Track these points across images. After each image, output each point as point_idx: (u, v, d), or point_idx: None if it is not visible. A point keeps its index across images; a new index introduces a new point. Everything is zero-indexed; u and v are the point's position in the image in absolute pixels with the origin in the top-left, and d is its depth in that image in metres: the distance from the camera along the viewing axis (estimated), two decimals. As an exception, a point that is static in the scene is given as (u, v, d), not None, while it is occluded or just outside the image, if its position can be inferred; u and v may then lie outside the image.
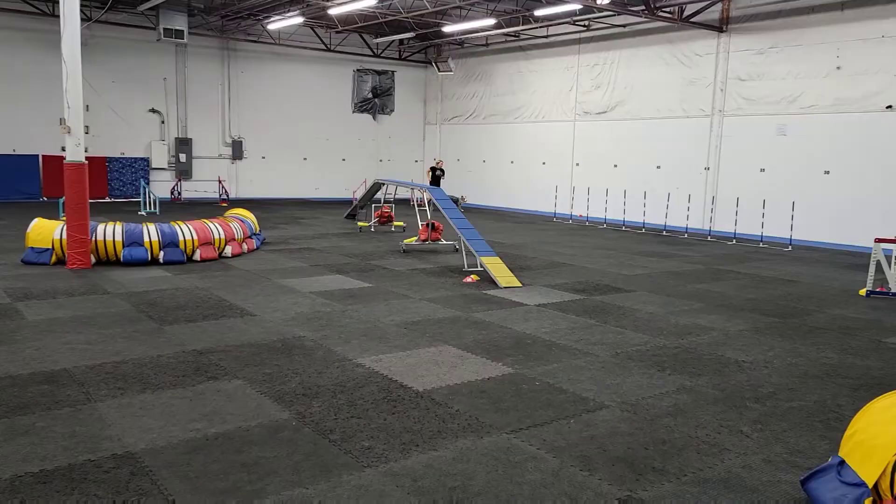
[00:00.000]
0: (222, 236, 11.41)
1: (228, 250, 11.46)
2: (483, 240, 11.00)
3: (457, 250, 12.51)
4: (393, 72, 25.88)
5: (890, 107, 14.18)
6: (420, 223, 13.02)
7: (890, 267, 9.43)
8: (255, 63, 23.32)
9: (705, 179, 17.52)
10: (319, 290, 9.02)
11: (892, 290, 9.39)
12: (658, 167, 18.50)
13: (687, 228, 16.93)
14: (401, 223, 16.12)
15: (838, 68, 14.89)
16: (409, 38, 23.68)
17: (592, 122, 20.38)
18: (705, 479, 3.94)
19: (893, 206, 13.98)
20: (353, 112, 25.43)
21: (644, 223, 17.83)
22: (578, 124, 20.83)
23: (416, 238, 13.01)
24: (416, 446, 4.26)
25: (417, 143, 27.04)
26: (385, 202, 16.39)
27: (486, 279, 9.92)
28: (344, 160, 25.32)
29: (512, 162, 23.09)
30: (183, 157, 22.37)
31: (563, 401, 5.16)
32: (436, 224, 12.96)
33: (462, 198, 22.76)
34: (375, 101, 25.66)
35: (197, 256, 10.96)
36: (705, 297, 9.19)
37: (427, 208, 12.96)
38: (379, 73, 25.57)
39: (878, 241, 9.53)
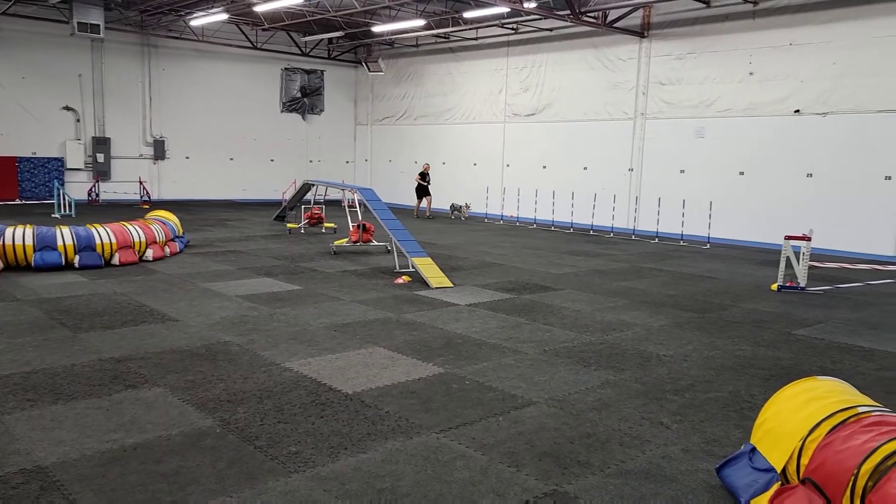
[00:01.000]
0: (143, 239, 10.99)
1: (149, 254, 11.05)
2: (414, 240, 11.00)
3: (388, 251, 12.47)
4: (322, 71, 25.57)
5: (798, 111, 15.00)
6: (351, 224, 12.91)
7: (799, 263, 9.97)
8: (178, 60, 22.57)
9: (629, 180, 18.08)
10: (246, 293, 8.81)
11: (801, 285, 9.93)
12: (585, 168, 18.97)
13: (612, 228, 17.42)
14: (331, 224, 15.94)
15: (751, 74, 15.64)
16: (338, 38, 23.47)
17: (522, 123, 20.71)
18: (627, 471, 4.05)
19: (802, 205, 14.80)
20: (282, 111, 24.98)
21: (572, 223, 18.24)
22: (508, 126, 21.12)
23: (346, 239, 12.89)
24: (344, 449, 4.22)
25: (348, 143, 26.80)
26: (315, 203, 16.17)
27: (418, 280, 9.92)
28: (273, 160, 24.83)
29: (444, 163, 23.18)
30: (101, 158, 21.42)
31: (493, 399, 5.22)
32: (367, 225, 12.88)
33: (466, 205, 20.44)
34: (304, 100, 25.28)
35: (115, 260, 10.52)
36: (629, 295, 9.47)
37: (358, 209, 12.86)
38: (308, 72, 25.21)
39: (788, 238, 10.06)
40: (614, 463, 4.16)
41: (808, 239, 10.03)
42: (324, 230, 15.85)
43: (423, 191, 20.13)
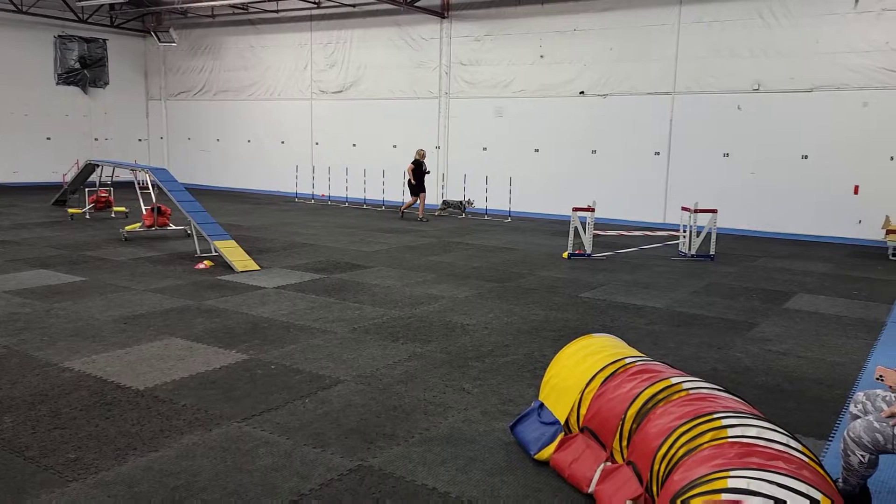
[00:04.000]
0: None
1: None
2: (216, 223, 10.43)
3: (188, 235, 11.70)
4: (105, 40, 23.13)
5: (583, 92, 16.33)
6: (144, 208, 11.92)
7: (585, 232, 10.93)
8: (-82, 20, 19.19)
9: (437, 157, 18.58)
10: (16, 288, 7.81)
11: (588, 252, 10.90)
12: (394, 146, 19.16)
13: (422, 204, 17.82)
14: (122, 208, 14.60)
15: (542, 57, 16.73)
16: (121, 3, 21.32)
17: (330, 100, 20.39)
18: (430, 438, 4.20)
19: (587, 179, 16.21)
20: (58, 84, 22.26)
21: (384, 201, 18.40)
22: (316, 103, 20.68)
23: (139, 224, 11.88)
24: (133, 450, 3.91)
25: (140, 119, 24.63)
26: (102, 186, 14.70)
27: (222, 264, 9.44)
28: (49, 139, 22.12)
29: (249, 141, 22.19)
30: None
31: (299, 381, 5.13)
32: (162, 208, 11.97)
33: (468, 202, 16.95)
34: (85, 72, 22.74)
35: None
36: (437, 269, 9.78)
37: (151, 191, 11.90)
38: (87, 40, 22.67)
39: (575, 209, 10.97)
40: (418, 432, 4.29)
41: (592, 210, 11.01)
42: (113, 215, 14.48)
43: (420, 184, 15.97)
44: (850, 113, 13.51)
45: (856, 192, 13.63)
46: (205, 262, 9.53)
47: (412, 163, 15.72)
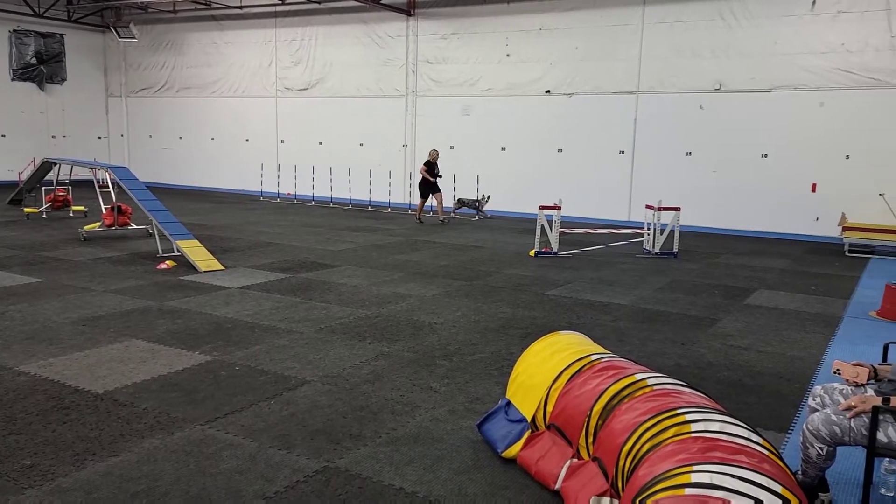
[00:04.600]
0: None
1: None
2: (178, 222, 10.24)
3: (150, 235, 11.46)
4: (62, 35, 22.52)
5: (549, 91, 16.44)
6: (104, 207, 11.64)
7: (551, 230, 11.01)
8: None
9: (404, 156, 18.53)
10: (-31, 290, 7.56)
11: (554, 250, 10.98)
12: (361, 144, 19.05)
13: (390, 203, 17.77)
14: (81, 207, 14.24)
15: (508, 55, 16.78)
16: (79, -3, 20.80)
17: (295, 98, 20.17)
18: (398, 438, 4.18)
19: (554, 177, 16.32)
20: (13, 80, 21.61)
21: (350, 199, 18.28)
22: (281, 100, 20.44)
23: (99, 224, 11.60)
24: (92, 455, 3.81)
25: (100, 117, 24.05)
26: (60, 184, 14.32)
27: (185, 264, 9.27)
28: (4, 136, 21.45)
29: (213, 139, 21.83)
30: None
31: (264, 382, 5.06)
32: (123, 207, 11.71)
33: (485, 197, 16.09)
34: (41, 67, 22.10)
35: None
36: (404, 267, 9.75)
37: (112, 190, 11.63)
38: (44, 35, 22.04)
39: (542, 208, 11.04)
40: (385, 432, 4.26)
41: (559, 208, 11.09)
42: (71, 214, 14.12)
43: (429, 186, 15.12)
44: (807, 113, 13.84)
45: (813, 189, 13.97)
46: (167, 262, 9.35)
47: (424, 164, 14.97)
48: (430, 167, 14.85)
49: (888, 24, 13.00)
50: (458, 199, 16.13)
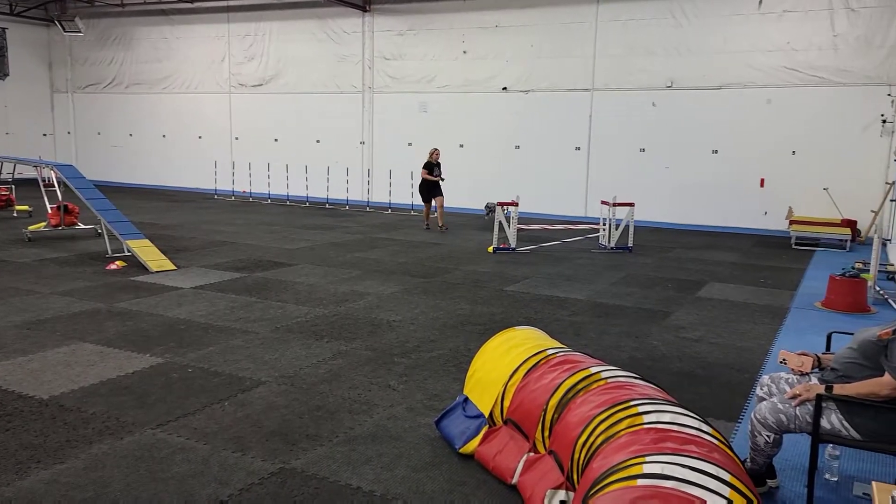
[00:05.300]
0: None
1: None
2: (128, 221, 9.97)
3: (99, 235, 11.14)
4: (4, 29, 21.68)
5: (505, 88, 16.52)
6: (49, 206, 11.27)
7: (509, 226, 11.07)
8: None
9: (362, 153, 18.40)
10: None
11: (512, 246, 11.04)
12: (318, 141, 18.85)
13: (348, 200, 17.63)
14: (25, 207, 13.75)
15: (465, 52, 16.81)
16: (21, -11, 20.04)
17: (249, 94, 19.84)
18: (355, 437, 4.15)
19: (511, 174, 16.42)
20: (-49, 74, 20.75)
21: (307, 197, 18.07)
22: (234, 97, 20.08)
23: (45, 224, 11.22)
24: (36, 463, 3.68)
25: (45, 113, 23.25)
26: (2, 183, 13.81)
27: (136, 265, 9.03)
28: (-58, 133, 20.59)
29: (164, 136, 21.32)
30: None
31: (218, 384, 4.96)
32: (69, 206, 11.35)
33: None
34: (-18, 62, 21.27)
35: None
36: (363, 265, 9.68)
37: (57, 189, 11.26)
38: (-16, 28, 21.19)
39: (500, 204, 11.09)
40: (343, 431, 4.22)
41: (516, 204, 11.16)
42: (15, 214, 13.63)
43: (430, 189, 13.68)
44: (755, 110, 14.22)
45: (762, 184, 14.37)
46: (117, 262, 9.10)
47: (424, 166, 13.57)
48: (430, 168, 13.53)
49: (831, 24, 13.43)
50: (486, 205, 15.21)
